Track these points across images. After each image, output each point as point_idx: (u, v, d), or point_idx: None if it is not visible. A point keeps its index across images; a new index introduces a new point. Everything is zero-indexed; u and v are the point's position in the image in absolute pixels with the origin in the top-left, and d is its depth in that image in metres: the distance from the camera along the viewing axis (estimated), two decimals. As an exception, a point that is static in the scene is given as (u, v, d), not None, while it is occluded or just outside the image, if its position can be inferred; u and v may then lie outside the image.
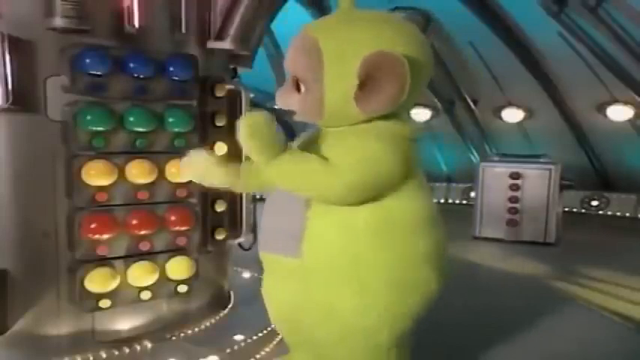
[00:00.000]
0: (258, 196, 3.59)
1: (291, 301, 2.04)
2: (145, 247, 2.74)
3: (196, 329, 3.03)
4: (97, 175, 2.55)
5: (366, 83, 1.80)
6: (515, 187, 6.53)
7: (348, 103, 1.84)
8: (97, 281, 2.60)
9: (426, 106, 9.73)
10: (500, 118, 9.21)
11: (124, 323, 2.81)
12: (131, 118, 2.63)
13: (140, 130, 2.67)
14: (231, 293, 3.53)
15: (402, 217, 1.93)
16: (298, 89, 1.95)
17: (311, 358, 2.18)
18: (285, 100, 2.01)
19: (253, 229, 3.48)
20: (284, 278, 2.04)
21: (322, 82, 1.87)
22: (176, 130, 2.80)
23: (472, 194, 7.81)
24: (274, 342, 2.85)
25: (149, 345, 2.78)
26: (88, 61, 2.48)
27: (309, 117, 2.00)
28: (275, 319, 2.26)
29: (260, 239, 2.13)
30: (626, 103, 7.92)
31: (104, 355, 2.67)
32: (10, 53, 2.35)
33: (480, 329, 3.26)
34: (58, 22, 2.42)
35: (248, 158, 2.03)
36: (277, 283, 2.10)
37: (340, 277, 1.90)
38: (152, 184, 2.73)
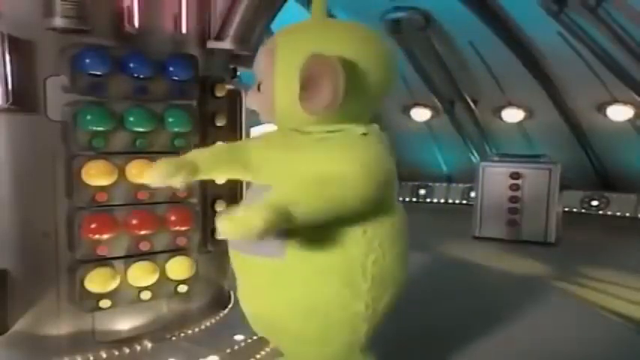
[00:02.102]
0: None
1: (269, 301, 2.02)
2: (145, 247, 2.74)
3: (196, 329, 3.03)
4: (97, 175, 2.55)
5: (308, 85, 1.85)
6: (515, 187, 6.52)
7: (296, 105, 1.89)
8: (97, 281, 2.60)
9: (426, 106, 9.73)
10: (500, 118, 9.21)
11: (124, 323, 2.81)
12: (131, 118, 2.64)
13: (140, 130, 2.67)
14: (231, 293, 3.52)
15: (388, 223, 1.97)
16: (260, 90, 2.06)
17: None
18: (249, 99, 2.14)
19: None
20: (262, 278, 2.01)
21: (273, 83, 1.97)
22: (176, 130, 2.80)
23: (472, 194, 7.81)
24: (274, 342, 2.85)
25: (149, 345, 2.78)
26: (88, 61, 2.49)
27: (264, 116, 2.11)
28: (253, 322, 2.22)
29: (235, 240, 2.07)
30: (626, 103, 7.92)
31: (104, 355, 2.67)
32: (10, 53, 2.35)
33: (479, 329, 3.26)
34: (58, 22, 2.42)
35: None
36: (254, 285, 2.08)
37: (327, 275, 1.91)
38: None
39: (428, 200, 10.02)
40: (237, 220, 1.62)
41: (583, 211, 8.74)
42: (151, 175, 2.13)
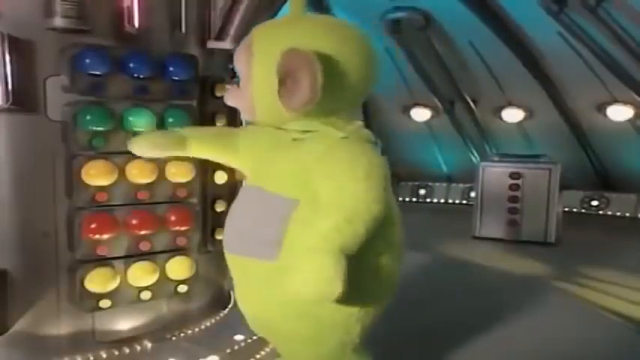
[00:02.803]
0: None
1: (264, 302, 2.01)
2: (145, 247, 2.74)
3: (196, 329, 3.03)
4: (97, 175, 2.55)
5: (286, 81, 1.81)
6: (515, 187, 6.53)
7: (276, 101, 1.86)
8: (97, 281, 2.60)
9: (426, 106, 9.73)
10: (500, 118, 9.21)
11: (124, 323, 2.81)
12: (131, 118, 2.64)
13: (140, 130, 2.66)
14: (231, 293, 3.52)
15: (384, 214, 1.92)
16: (238, 86, 2.06)
17: None
18: (228, 96, 2.15)
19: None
20: (256, 280, 1.99)
21: (252, 79, 1.95)
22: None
23: (472, 194, 7.81)
24: (274, 342, 2.85)
25: (149, 345, 2.78)
26: (88, 61, 2.48)
27: (244, 114, 2.10)
28: (251, 323, 2.21)
29: (229, 240, 2.06)
30: (626, 103, 7.92)
31: (104, 355, 2.67)
32: (10, 53, 2.35)
33: (479, 329, 3.26)
34: (58, 22, 2.42)
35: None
36: (249, 286, 2.06)
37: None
38: (152, 184, 2.73)
39: (428, 200, 10.03)
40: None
41: (583, 211, 8.75)
42: (139, 143, 2.20)
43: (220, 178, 3.11)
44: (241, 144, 2.14)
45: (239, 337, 2.87)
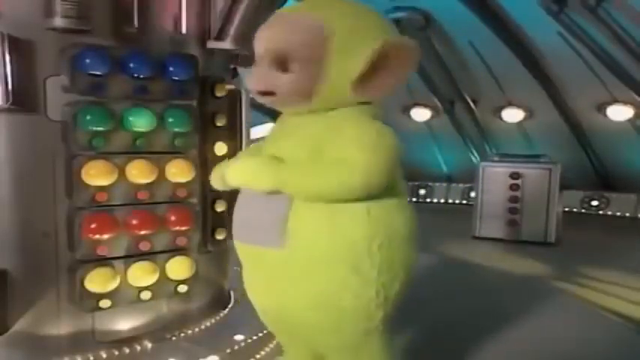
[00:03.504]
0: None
1: (276, 292, 1.99)
2: (145, 247, 2.74)
3: (196, 329, 3.03)
4: (97, 175, 2.55)
5: (373, 69, 1.80)
6: (515, 187, 6.53)
7: (346, 89, 1.83)
8: (97, 281, 2.60)
9: (426, 106, 9.74)
10: (501, 118, 9.21)
11: (124, 323, 2.81)
12: (131, 118, 2.63)
13: (140, 130, 2.67)
14: (231, 293, 3.53)
15: (393, 203, 1.93)
16: (283, 69, 1.84)
17: (304, 352, 2.18)
18: (267, 80, 1.87)
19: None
20: (266, 269, 1.98)
21: (322, 63, 1.81)
22: (176, 130, 2.80)
23: (472, 194, 7.81)
24: (274, 342, 2.85)
25: (149, 345, 2.78)
26: (88, 61, 2.48)
27: (295, 99, 1.89)
28: (262, 314, 2.22)
29: (235, 228, 2.04)
30: (626, 103, 7.92)
31: (104, 355, 2.67)
32: (10, 53, 2.35)
33: (479, 329, 3.26)
34: (58, 22, 2.42)
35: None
36: (259, 276, 2.05)
37: (333, 264, 1.87)
38: (152, 184, 2.73)
39: (428, 200, 10.03)
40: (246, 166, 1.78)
41: (583, 211, 8.75)
42: (212, 178, 2.13)
43: (220, 178, 3.11)
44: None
45: (239, 337, 2.88)
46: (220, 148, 3.10)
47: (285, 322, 2.09)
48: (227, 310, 3.34)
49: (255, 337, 2.89)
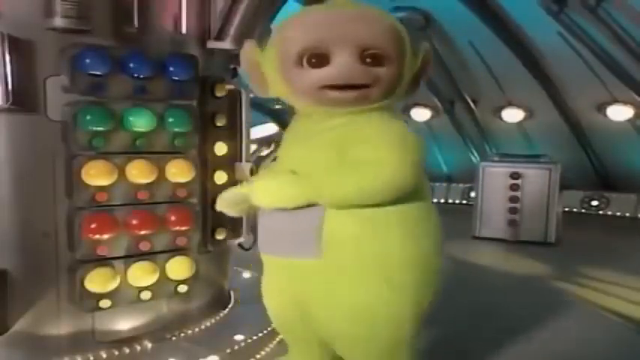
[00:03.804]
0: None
1: (309, 303, 1.99)
2: (145, 247, 2.74)
3: (196, 329, 3.03)
4: (97, 175, 2.55)
5: (418, 73, 2.04)
6: (515, 187, 6.52)
7: (405, 89, 2.03)
8: (97, 281, 2.60)
9: (426, 106, 9.73)
10: (501, 118, 9.21)
11: (124, 323, 2.81)
12: (131, 118, 2.63)
13: (140, 130, 2.67)
14: (231, 293, 3.53)
15: (422, 207, 1.98)
16: (379, 65, 1.89)
17: (317, 357, 2.18)
18: (366, 72, 1.88)
19: (253, 229, 3.48)
20: (300, 280, 1.98)
21: (403, 61, 1.96)
22: (176, 130, 2.79)
23: (472, 194, 7.81)
24: (274, 342, 2.85)
25: (149, 345, 2.78)
26: (88, 61, 2.48)
27: (385, 94, 1.94)
28: (281, 320, 2.23)
29: (265, 240, 2.05)
30: (626, 103, 7.92)
31: (104, 355, 2.67)
32: (10, 53, 2.35)
33: (479, 329, 3.26)
34: (58, 22, 2.42)
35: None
36: (290, 286, 2.05)
37: (368, 273, 1.88)
38: (152, 184, 2.73)
39: (428, 200, 10.01)
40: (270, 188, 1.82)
41: (583, 211, 8.74)
42: (220, 204, 2.16)
43: (220, 178, 3.11)
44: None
45: (239, 337, 2.88)
46: (220, 148, 3.10)
47: (317, 332, 2.07)
48: (227, 310, 3.34)
49: (255, 337, 2.89)
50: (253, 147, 3.34)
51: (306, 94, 1.94)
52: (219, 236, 3.16)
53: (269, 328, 2.95)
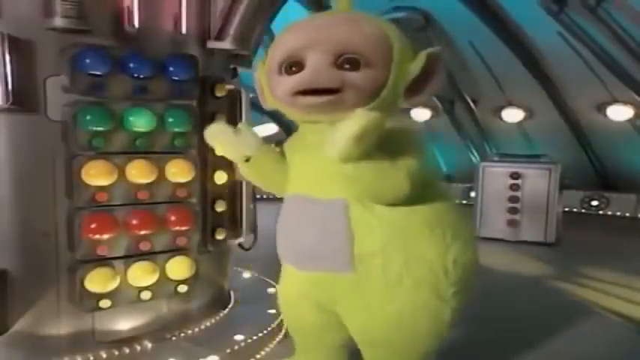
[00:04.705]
0: (259, 196, 3.60)
1: (337, 310, 2.00)
2: (145, 247, 2.74)
3: (196, 329, 3.03)
4: (97, 175, 2.55)
5: (420, 78, 1.89)
6: (515, 187, 6.52)
7: (400, 95, 1.92)
8: (97, 281, 2.60)
9: (426, 106, 9.73)
10: (501, 118, 9.21)
11: (124, 323, 2.81)
12: (131, 118, 2.64)
13: (140, 130, 2.67)
14: (231, 293, 3.53)
15: (441, 206, 1.95)
16: (354, 69, 1.82)
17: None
18: (334, 76, 1.81)
19: (254, 229, 3.48)
20: (328, 290, 1.98)
21: (388, 69, 1.86)
22: (176, 130, 2.80)
23: (472, 194, 7.81)
24: (274, 342, 2.86)
25: (149, 345, 2.78)
26: (88, 61, 2.49)
27: (361, 100, 1.83)
28: (299, 325, 2.22)
29: (289, 255, 2.04)
30: (626, 103, 7.91)
31: (104, 355, 2.67)
32: (10, 53, 2.35)
33: (479, 329, 3.26)
34: (58, 22, 2.42)
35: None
36: (311, 292, 2.05)
37: (408, 285, 1.86)
38: (152, 184, 2.73)
39: (428, 200, 10.00)
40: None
41: (583, 211, 8.74)
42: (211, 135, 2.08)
43: (220, 178, 3.11)
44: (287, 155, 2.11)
45: (239, 337, 2.88)
46: (220, 148, 3.09)
47: (363, 340, 2.06)
48: (227, 310, 3.34)
49: (255, 337, 2.89)
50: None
51: (284, 102, 1.92)
52: (219, 236, 3.16)
53: (269, 328, 2.96)
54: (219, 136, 2.06)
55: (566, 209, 7.49)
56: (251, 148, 2.03)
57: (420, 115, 9.84)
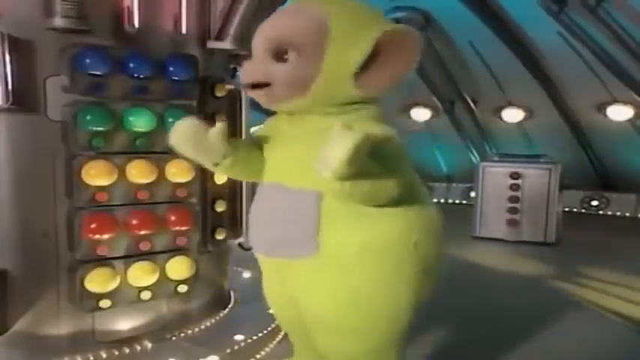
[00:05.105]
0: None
1: (310, 299, 1.96)
2: (145, 247, 2.74)
3: (196, 329, 3.03)
4: (97, 175, 2.55)
5: (375, 60, 1.74)
6: (515, 187, 6.52)
7: (345, 82, 1.77)
8: (97, 281, 2.60)
9: (426, 106, 9.74)
10: (501, 118, 9.21)
11: (124, 323, 2.81)
12: (131, 118, 2.64)
13: (140, 130, 2.67)
14: (231, 293, 3.53)
15: (416, 198, 1.91)
16: (281, 60, 1.78)
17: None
18: (262, 70, 1.81)
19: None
20: (299, 278, 1.95)
21: (321, 53, 1.75)
22: (176, 130, 2.79)
23: (472, 194, 7.81)
24: (274, 342, 2.86)
25: (149, 345, 2.78)
26: (88, 61, 2.48)
27: (291, 92, 1.81)
28: (284, 322, 2.22)
29: (261, 244, 2.00)
30: (626, 103, 7.92)
31: (104, 355, 2.67)
32: (10, 53, 2.35)
33: (479, 329, 3.26)
34: (58, 22, 2.42)
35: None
36: (293, 284, 2.01)
37: (369, 265, 1.83)
38: (152, 184, 2.73)
39: (428, 200, 10.00)
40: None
41: (583, 211, 8.74)
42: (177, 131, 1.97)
43: (220, 178, 3.11)
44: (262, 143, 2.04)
45: (239, 337, 2.88)
46: (220, 148, 3.09)
47: (318, 328, 2.02)
48: (227, 310, 3.34)
49: (255, 337, 2.89)
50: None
51: None
52: (219, 236, 3.16)
53: (269, 328, 2.96)
54: (190, 136, 1.90)
55: (566, 209, 7.49)
56: (219, 155, 1.93)
57: (420, 115, 9.85)
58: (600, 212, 8.67)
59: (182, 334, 2.95)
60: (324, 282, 1.88)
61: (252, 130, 3.45)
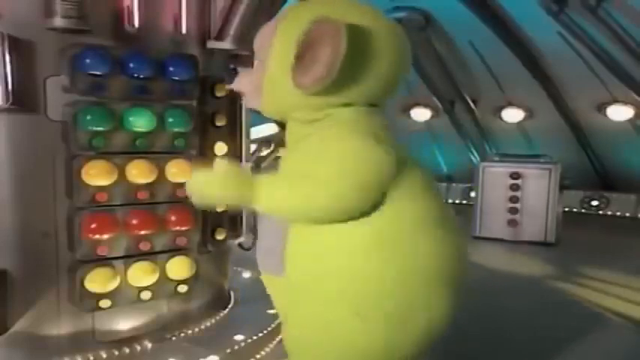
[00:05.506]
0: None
1: (286, 318, 1.97)
2: (145, 247, 2.74)
3: (196, 329, 3.03)
4: (97, 175, 2.55)
5: (304, 54, 1.66)
6: (515, 187, 6.52)
7: (285, 82, 1.72)
8: (97, 281, 2.60)
9: (426, 106, 9.74)
10: (501, 118, 9.21)
11: (124, 323, 2.81)
12: (131, 118, 2.64)
13: (140, 130, 2.67)
14: (231, 293, 3.53)
15: (402, 224, 1.72)
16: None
17: None
18: (237, 81, 1.96)
19: (253, 229, 3.48)
20: (277, 295, 1.99)
21: (268, 59, 1.78)
22: (176, 130, 2.80)
23: (472, 194, 7.81)
24: (274, 342, 2.86)
25: (149, 345, 2.78)
26: (88, 61, 2.48)
27: (250, 100, 1.94)
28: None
29: (257, 255, 2.02)
30: (626, 103, 7.92)
31: (104, 355, 2.67)
32: (10, 53, 2.35)
33: (479, 329, 3.26)
34: (58, 22, 2.42)
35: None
36: (275, 300, 2.05)
37: (334, 295, 1.71)
38: (152, 184, 2.73)
39: (428, 200, 10.00)
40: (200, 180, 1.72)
41: (583, 211, 8.74)
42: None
43: (220, 178, 3.11)
44: None
45: (239, 337, 2.88)
46: (220, 148, 3.10)
47: (294, 347, 1.97)
48: (227, 310, 3.34)
49: (255, 337, 2.89)
50: (253, 147, 3.33)
51: None
52: (219, 236, 3.16)
53: (269, 328, 2.96)
54: (234, 179, 1.73)
55: (566, 209, 7.49)
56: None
57: (420, 115, 9.85)
58: (600, 212, 8.67)
59: (182, 334, 2.95)
60: (293, 303, 1.86)
61: (252, 130, 3.46)
